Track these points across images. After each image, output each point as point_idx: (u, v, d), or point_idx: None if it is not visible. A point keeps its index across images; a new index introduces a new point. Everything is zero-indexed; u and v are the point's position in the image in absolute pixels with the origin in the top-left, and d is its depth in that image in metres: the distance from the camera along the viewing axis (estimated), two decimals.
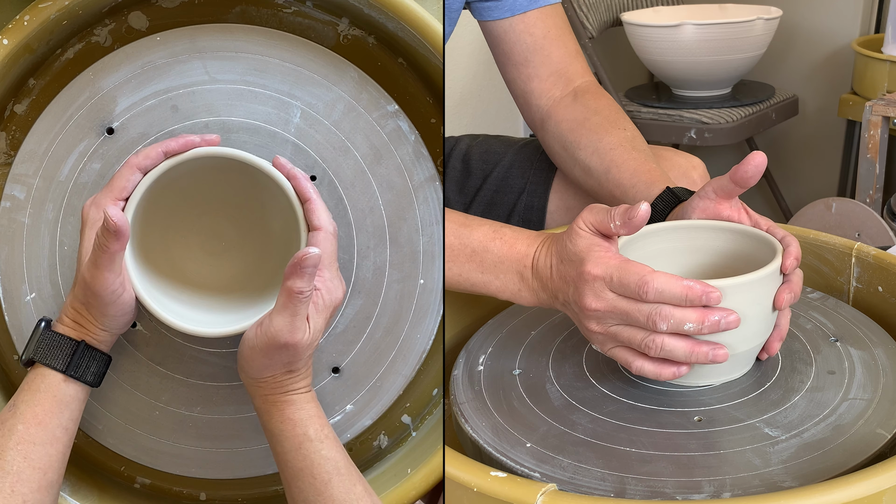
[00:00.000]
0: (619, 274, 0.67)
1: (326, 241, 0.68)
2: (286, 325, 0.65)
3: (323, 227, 0.68)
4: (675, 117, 2.10)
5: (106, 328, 0.68)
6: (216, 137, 0.70)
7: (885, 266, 0.84)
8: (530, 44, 1.05)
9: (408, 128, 0.75)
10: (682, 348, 0.67)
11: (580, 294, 0.69)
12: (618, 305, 0.67)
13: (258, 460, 0.76)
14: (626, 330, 0.68)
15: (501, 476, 0.59)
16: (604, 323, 0.69)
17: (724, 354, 0.67)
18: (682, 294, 0.65)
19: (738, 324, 0.66)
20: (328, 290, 0.67)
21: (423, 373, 0.77)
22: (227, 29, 0.73)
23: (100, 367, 0.68)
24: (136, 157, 0.68)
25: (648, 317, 0.66)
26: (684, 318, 0.65)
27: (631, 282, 0.66)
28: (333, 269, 0.69)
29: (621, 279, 0.67)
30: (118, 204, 0.67)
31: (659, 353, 0.67)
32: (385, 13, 0.72)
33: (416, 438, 0.77)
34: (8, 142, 0.74)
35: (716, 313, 0.66)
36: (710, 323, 0.66)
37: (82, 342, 0.67)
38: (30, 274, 0.73)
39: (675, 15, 2.26)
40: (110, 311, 0.67)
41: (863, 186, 1.90)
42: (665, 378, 0.69)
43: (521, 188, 1.13)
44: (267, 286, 0.71)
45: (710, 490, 0.60)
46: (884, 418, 0.66)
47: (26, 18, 0.71)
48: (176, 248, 0.73)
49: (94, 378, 0.68)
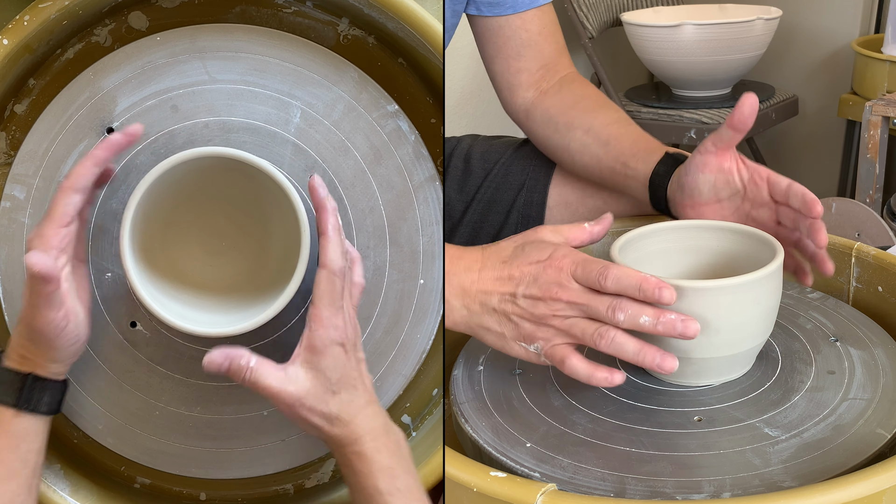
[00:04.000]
0: (583, 265, 0.68)
1: (327, 280, 0.66)
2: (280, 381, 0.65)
3: (326, 266, 0.66)
4: (675, 117, 2.10)
5: (56, 360, 0.66)
6: (138, 127, 0.68)
7: (885, 266, 0.84)
8: (525, 39, 1.07)
9: (408, 128, 0.75)
10: (631, 345, 0.67)
11: (544, 285, 0.68)
12: (581, 297, 0.67)
13: (258, 460, 0.76)
14: (581, 321, 0.68)
15: (501, 476, 0.59)
16: (562, 315, 0.68)
17: (672, 364, 0.67)
18: (636, 284, 0.65)
19: (696, 332, 0.66)
20: (325, 330, 0.65)
21: (423, 373, 0.77)
22: (227, 29, 0.73)
23: (54, 395, 0.67)
24: (68, 181, 0.66)
25: (609, 307, 0.66)
26: (642, 311, 0.66)
27: (593, 270, 0.67)
28: (335, 308, 0.66)
29: (585, 269, 0.67)
30: (60, 232, 0.65)
31: (609, 345, 0.67)
32: (385, 13, 0.72)
33: (416, 438, 0.77)
34: (8, 142, 0.74)
35: (673, 313, 0.66)
36: (665, 320, 0.66)
37: (30, 375, 0.65)
38: None
39: (675, 15, 2.26)
40: (57, 343, 0.65)
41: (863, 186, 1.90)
42: (595, 382, 0.68)
43: (521, 185, 1.13)
44: (267, 286, 0.71)
45: (710, 490, 0.60)
46: (884, 418, 0.66)
47: (26, 18, 0.71)
48: (176, 247, 0.73)
49: (48, 408, 0.66)
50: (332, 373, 0.65)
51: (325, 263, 0.66)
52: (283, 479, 0.77)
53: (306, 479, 0.77)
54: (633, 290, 0.66)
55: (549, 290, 0.68)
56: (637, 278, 0.66)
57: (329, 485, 0.77)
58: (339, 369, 0.65)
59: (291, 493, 0.77)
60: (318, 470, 0.77)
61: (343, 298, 0.66)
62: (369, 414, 0.66)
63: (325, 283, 0.66)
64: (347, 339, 0.66)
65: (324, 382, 0.65)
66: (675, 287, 0.66)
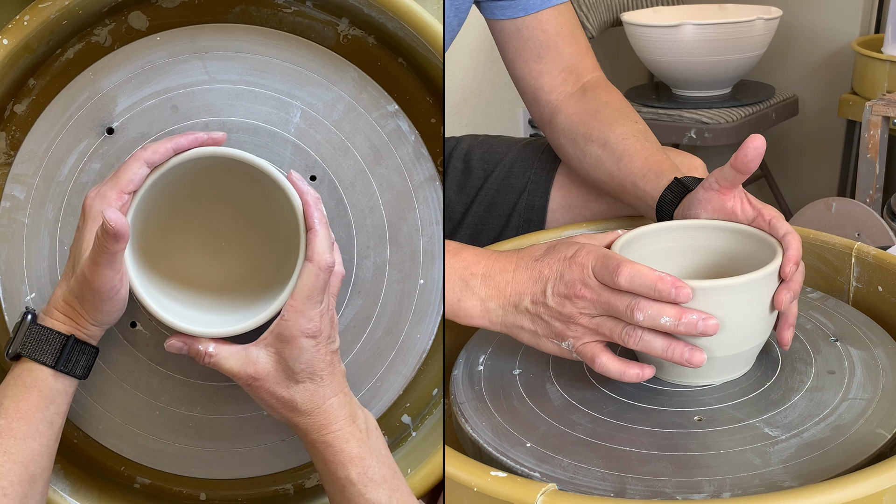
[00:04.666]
0: (601, 261, 0.68)
1: (311, 275, 0.66)
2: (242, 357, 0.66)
3: (312, 261, 0.66)
4: (675, 117, 2.10)
5: (98, 323, 0.67)
6: (222, 135, 0.69)
7: (885, 266, 0.84)
8: (543, 41, 1.06)
9: (408, 128, 0.75)
10: (659, 343, 0.67)
11: (569, 284, 0.69)
12: (602, 295, 0.68)
13: (258, 460, 0.76)
14: (608, 321, 0.68)
15: (501, 476, 0.59)
16: (588, 313, 0.69)
17: (702, 359, 0.67)
18: (652, 283, 0.65)
19: (716, 330, 0.66)
20: (296, 322, 0.65)
21: (423, 373, 0.77)
22: (227, 29, 0.73)
23: (89, 360, 0.68)
24: (144, 152, 0.67)
25: (627, 307, 0.66)
26: (662, 311, 0.66)
27: (609, 266, 0.67)
28: (313, 303, 0.66)
29: (602, 264, 0.67)
30: (123, 198, 0.66)
31: (638, 343, 0.67)
32: (385, 13, 0.72)
33: (416, 438, 0.77)
34: (8, 142, 0.74)
35: (694, 313, 0.66)
36: (687, 321, 0.66)
37: (72, 336, 0.67)
38: (30, 274, 0.73)
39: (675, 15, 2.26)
40: (106, 306, 0.66)
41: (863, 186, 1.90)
42: (628, 379, 0.69)
43: (522, 187, 1.13)
44: (267, 286, 0.71)
45: (710, 490, 0.60)
46: (884, 418, 0.66)
47: (26, 18, 0.71)
48: (176, 247, 0.73)
49: (83, 371, 0.68)
50: (296, 363, 0.66)
51: (313, 258, 0.66)
52: (283, 479, 0.77)
53: (306, 479, 0.77)
54: (647, 289, 0.65)
55: (573, 287, 0.69)
56: (652, 278, 0.65)
57: None
58: (304, 361, 0.66)
59: (291, 493, 0.77)
60: None
61: (324, 293, 0.67)
62: (335, 403, 0.67)
63: (309, 277, 0.66)
64: (320, 333, 0.66)
65: (285, 370, 0.66)
66: None
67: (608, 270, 0.67)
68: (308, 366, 0.66)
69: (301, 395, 0.66)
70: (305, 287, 0.66)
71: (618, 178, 0.96)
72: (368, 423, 0.68)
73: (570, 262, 0.69)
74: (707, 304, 0.67)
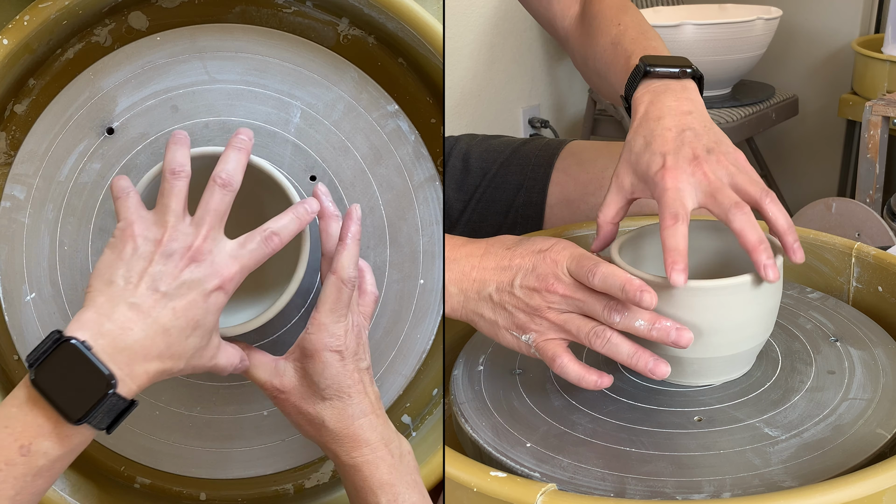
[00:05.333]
0: (577, 260, 0.67)
1: (332, 286, 0.65)
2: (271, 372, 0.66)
3: (336, 273, 0.66)
4: None
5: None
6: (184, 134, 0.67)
7: (885, 266, 0.84)
8: None
9: (408, 128, 0.75)
10: (625, 348, 0.67)
11: (541, 277, 0.68)
12: (577, 293, 0.67)
13: (258, 460, 0.76)
14: (577, 318, 0.68)
15: (501, 476, 0.59)
16: (557, 309, 0.68)
17: (665, 370, 0.67)
18: (620, 284, 0.65)
19: (689, 342, 0.66)
20: (318, 337, 0.65)
21: (423, 373, 0.77)
22: (227, 29, 0.73)
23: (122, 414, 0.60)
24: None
25: (605, 306, 0.66)
26: (638, 314, 0.66)
27: (584, 265, 0.67)
28: (336, 316, 0.65)
29: (578, 263, 0.67)
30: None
31: (604, 345, 0.67)
32: (385, 13, 0.72)
33: (416, 438, 0.77)
34: (8, 142, 0.74)
35: (669, 321, 0.66)
36: (660, 326, 0.66)
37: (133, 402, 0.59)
38: (30, 274, 0.73)
39: (675, 15, 2.26)
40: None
41: (863, 186, 1.90)
42: (586, 384, 0.68)
43: (519, 185, 1.13)
44: (268, 286, 0.71)
45: (710, 490, 0.60)
46: (884, 418, 0.66)
47: (26, 18, 0.71)
48: None
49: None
50: (321, 378, 0.65)
51: (336, 270, 0.66)
52: (283, 479, 0.77)
53: (306, 479, 0.77)
54: (616, 290, 0.65)
55: (545, 281, 0.68)
56: (621, 279, 0.65)
57: (329, 485, 0.77)
58: (329, 376, 0.65)
59: (291, 493, 0.77)
60: (318, 470, 0.77)
61: (348, 307, 0.66)
62: (365, 425, 0.65)
63: (331, 289, 0.66)
64: (346, 348, 0.65)
65: (310, 385, 0.65)
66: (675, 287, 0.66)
67: (583, 269, 0.67)
68: (334, 382, 0.65)
69: (329, 413, 0.65)
70: (329, 300, 0.65)
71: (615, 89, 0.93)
72: (402, 448, 0.67)
73: (544, 255, 0.69)
74: (707, 304, 0.67)
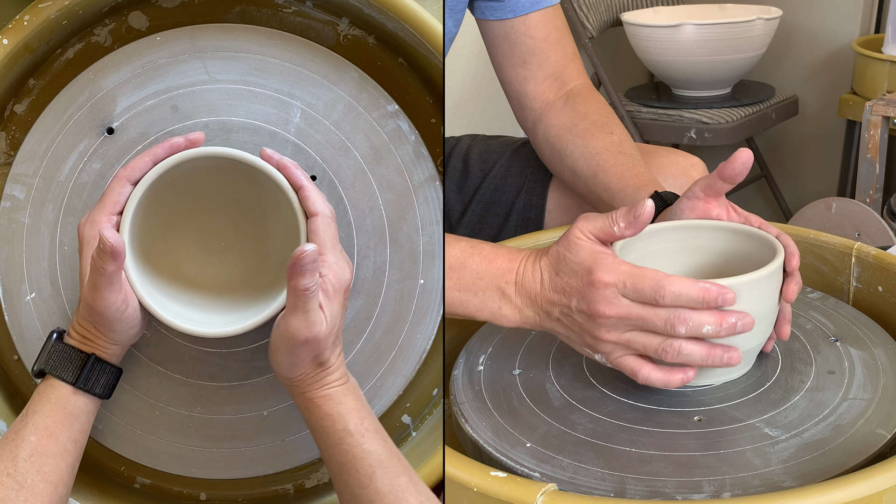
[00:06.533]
0: (632, 280, 0.66)
1: (325, 226, 0.67)
2: (302, 322, 0.64)
3: (319, 213, 0.67)
4: (675, 117, 2.10)
5: (115, 342, 0.68)
6: (200, 135, 0.69)
7: (885, 266, 0.84)
8: (530, 46, 1.05)
9: (408, 128, 0.75)
10: (699, 352, 0.66)
11: (590, 302, 0.67)
12: (633, 311, 0.66)
13: (258, 460, 0.76)
14: (641, 336, 0.67)
15: (501, 476, 0.59)
16: (616, 330, 0.67)
17: (739, 357, 0.67)
18: (698, 296, 0.64)
19: (752, 326, 0.66)
20: (335, 275, 0.66)
21: (423, 373, 0.77)
22: (227, 29, 0.73)
23: (110, 379, 0.68)
24: (125, 170, 0.67)
25: (666, 321, 0.65)
26: (702, 321, 0.65)
27: (646, 287, 0.65)
28: (337, 251, 0.68)
29: (635, 285, 0.66)
30: (112, 219, 0.66)
31: (676, 357, 0.66)
32: (385, 13, 0.72)
33: (416, 438, 0.77)
34: (8, 142, 0.74)
35: (732, 315, 0.66)
36: (727, 325, 0.65)
37: (92, 355, 0.67)
38: (30, 274, 0.73)
39: (675, 15, 2.26)
40: (116, 327, 0.67)
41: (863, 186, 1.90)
42: (674, 385, 0.68)
43: (520, 187, 1.13)
44: (267, 286, 0.71)
45: (710, 490, 0.60)
46: (884, 418, 0.66)
47: (26, 18, 0.71)
48: (176, 248, 0.73)
49: (103, 390, 0.68)
50: (336, 320, 0.67)
51: (316, 211, 0.67)
52: (283, 479, 0.77)
53: (306, 479, 0.77)
54: (695, 303, 0.65)
55: (595, 308, 0.67)
56: (697, 292, 0.64)
57: (329, 485, 0.77)
58: (338, 317, 0.67)
59: (291, 493, 0.77)
60: (318, 470, 0.77)
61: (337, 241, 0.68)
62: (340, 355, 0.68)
63: (323, 228, 0.67)
64: (345, 284, 0.67)
65: (331, 329, 0.66)
66: None
67: (647, 290, 0.65)
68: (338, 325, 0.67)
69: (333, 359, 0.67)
70: (328, 239, 0.67)
71: (595, 193, 0.95)
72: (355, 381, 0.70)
73: (588, 283, 0.67)
74: None
